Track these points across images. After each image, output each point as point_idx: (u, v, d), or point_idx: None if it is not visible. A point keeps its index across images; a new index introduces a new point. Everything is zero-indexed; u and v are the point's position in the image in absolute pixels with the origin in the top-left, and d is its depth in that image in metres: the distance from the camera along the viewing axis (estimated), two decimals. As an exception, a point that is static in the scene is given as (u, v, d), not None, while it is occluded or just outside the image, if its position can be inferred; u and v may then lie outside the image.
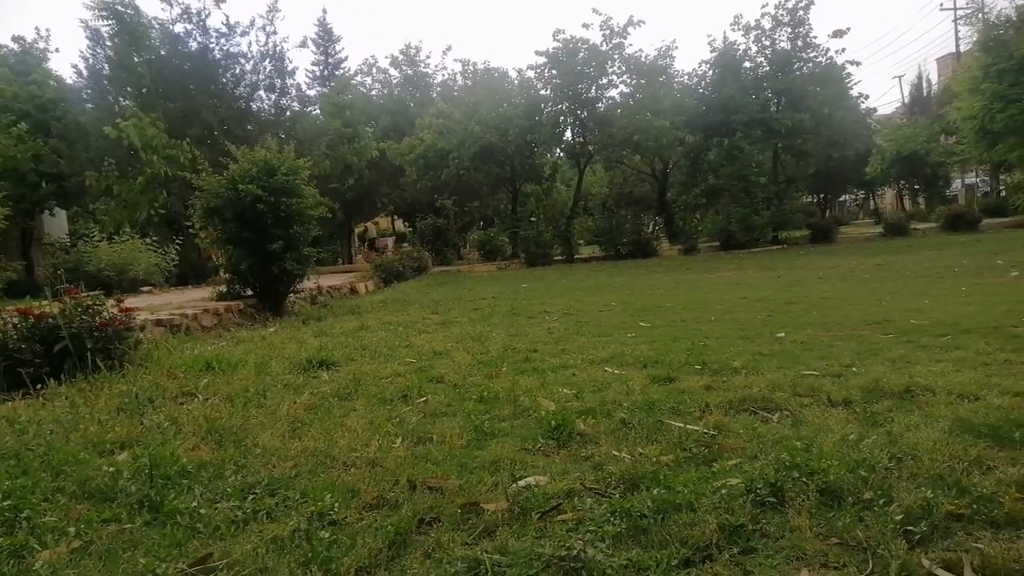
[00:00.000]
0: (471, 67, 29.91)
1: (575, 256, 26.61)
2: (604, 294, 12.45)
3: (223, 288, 11.25)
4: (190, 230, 16.30)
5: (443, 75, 35.69)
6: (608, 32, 25.69)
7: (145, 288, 14.65)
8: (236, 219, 10.55)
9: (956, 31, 39.63)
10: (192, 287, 15.83)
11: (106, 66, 21.80)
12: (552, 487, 3.04)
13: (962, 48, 36.53)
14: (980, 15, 27.12)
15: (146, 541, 2.70)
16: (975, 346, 5.53)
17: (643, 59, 26.31)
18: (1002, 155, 25.79)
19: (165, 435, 4.04)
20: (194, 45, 22.50)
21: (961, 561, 2.26)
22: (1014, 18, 24.53)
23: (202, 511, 2.92)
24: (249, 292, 11.14)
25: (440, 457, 3.51)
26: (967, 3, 39.40)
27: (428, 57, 37.38)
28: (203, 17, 22.44)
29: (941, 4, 44.37)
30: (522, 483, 3.10)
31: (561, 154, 30.77)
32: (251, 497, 3.08)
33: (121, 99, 22.03)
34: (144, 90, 21.31)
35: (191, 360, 6.29)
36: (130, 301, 7.56)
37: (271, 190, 10.41)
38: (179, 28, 22.31)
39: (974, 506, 2.60)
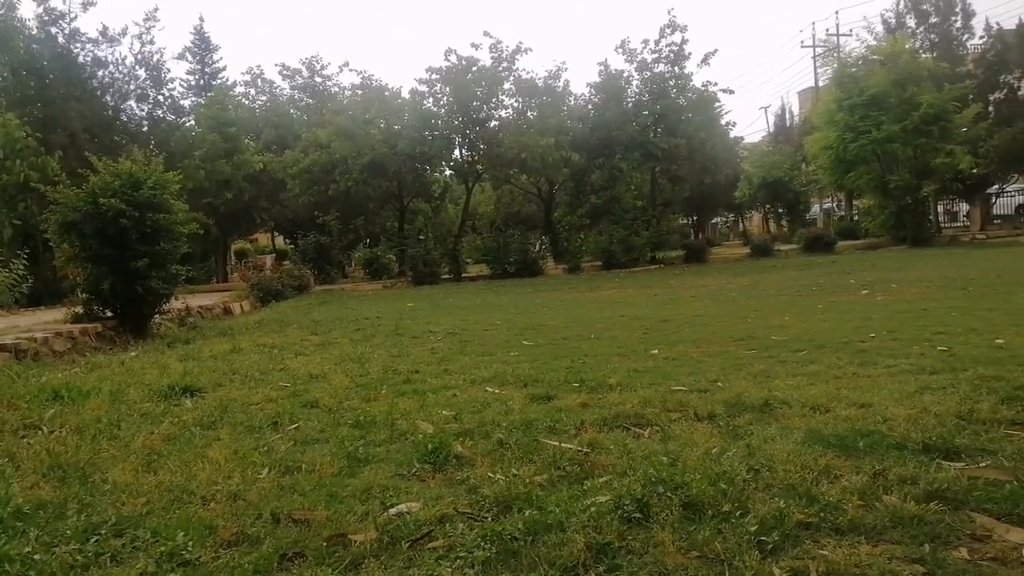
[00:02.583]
0: (369, 80, 29.19)
1: (463, 275, 26.60)
2: (490, 313, 12.51)
3: (79, 309, 10.41)
4: (49, 244, 15.04)
5: (337, 88, 34.92)
6: (497, 55, 26.11)
7: (-10, 309, 13.33)
8: (96, 235, 9.85)
9: (815, 67, 43.07)
10: (46, 308, 14.55)
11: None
12: (425, 513, 2.97)
13: (820, 83, 39.68)
14: (835, 54, 29.64)
15: (-34, 595, 2.43)
16: (828, 360, 5.94)
17: (535, 80, 26.87)
18: (854, 182, 28.08)
19: (-1, 473, 3.67)
20: (59, 49, 20.97)
21: (808, 569, 2.38)
22: (867, 56, 26.92)
23: (36, 557, 2.67)
24: (109, 313, 10.38)
25: (308, 487, 3.37)
26: (824, 42, 43.06)
27: (331, 73, 36.35)
28: (69, 20, 21.02)
29: (802, 42, 48.21)
30: (393, 511, 3.02)
31: (450, 172, 30.77)
32: (95, 539, 2.85)
33: None
34: (1, 93, 19.55)
35: (37, 389, 5.77)
36: (-33, 324, 6.89)
37: (136, 204, 9.80)
38: (44, 30, 20.74)
39: (822, 514, 2.76)
